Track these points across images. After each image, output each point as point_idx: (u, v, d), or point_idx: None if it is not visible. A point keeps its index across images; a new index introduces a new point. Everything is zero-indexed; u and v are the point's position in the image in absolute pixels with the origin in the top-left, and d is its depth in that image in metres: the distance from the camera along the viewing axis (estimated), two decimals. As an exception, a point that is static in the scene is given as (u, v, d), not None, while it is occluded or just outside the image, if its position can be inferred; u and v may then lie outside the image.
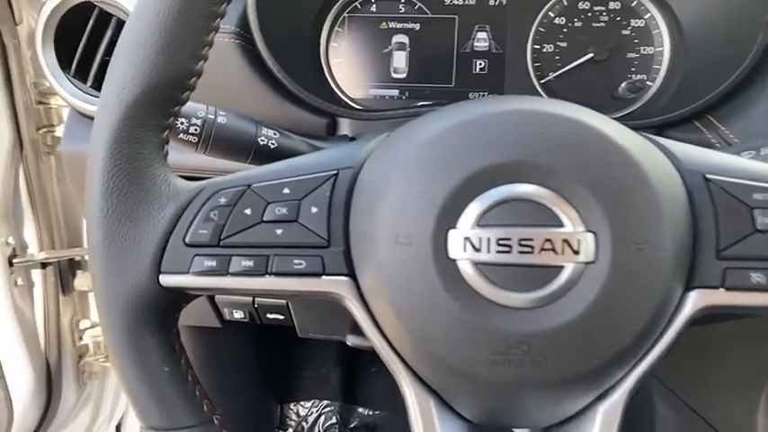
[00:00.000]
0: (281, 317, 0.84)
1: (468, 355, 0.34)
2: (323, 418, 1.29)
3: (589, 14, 0.72)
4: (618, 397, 0.37)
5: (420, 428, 0.38)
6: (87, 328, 1.12)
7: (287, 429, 1.30)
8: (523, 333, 0.34)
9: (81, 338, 1.12)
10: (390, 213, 0.35)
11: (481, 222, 0.34)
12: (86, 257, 1.06)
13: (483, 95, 0.74)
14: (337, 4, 0.74)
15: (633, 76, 0.71)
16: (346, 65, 0.75)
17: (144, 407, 0.38)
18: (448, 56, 0.74)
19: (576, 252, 0.33)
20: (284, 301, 0.81)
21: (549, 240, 0.33)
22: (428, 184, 0.35)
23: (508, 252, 0.34)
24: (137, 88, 0.36)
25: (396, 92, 0.75)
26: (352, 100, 0.75)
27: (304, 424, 1.29)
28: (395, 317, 0.36)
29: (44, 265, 0.98)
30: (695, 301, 0.35)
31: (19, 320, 0.95)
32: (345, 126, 0.65)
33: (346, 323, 0.82)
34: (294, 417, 1.30)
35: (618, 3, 0.71)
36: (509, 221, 0.34)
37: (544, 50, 0.73)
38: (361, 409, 1.29)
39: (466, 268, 0.34)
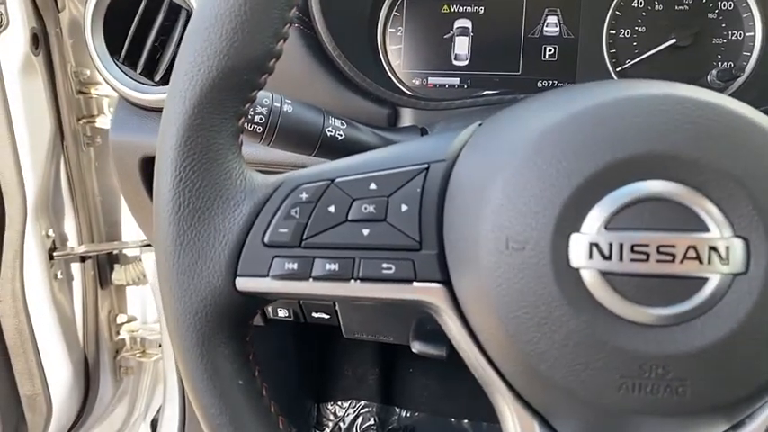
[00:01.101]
0: (327, 316, 0.80)
1: (591, 378, 0.30)
2: (360, 418, 1.25)
3: (671, -4, 0.66)
4: (758, 425, 0.32)
5: None
6: (124, 323, 1.09)
7: (323, 429, 1.27)
8: (660, 354, 0.29)
9: (118, 333, 1.10)
10: (498, 213, 0.31)
11: (610, 225, 0.29)
12: (125, 251, 1.03)
13: (553, 85, 0.69)
14: (396, -15, 0.70)
15: (719, 64, 0.65)
16: (404, 51, 0.71)
17: (216, 424, 0.34)
18: (514, 42, 0.69)
19: (725, 261, 0.28)
20: (331, 300, 0.77)
21: (692, 247, 0.28)
22: (547, 181, 0.30)
23: (645, 261, 0.29)
24: (213, 70, 0.32)
25: (456, 80, 0.70)
26: (408, 89, 0.71)
27: (341, 424, 1.26)
28: (501, 331, 0.31)
29: (83, 259, 0.95)
30: None
31: (58, 314, 0.92)
32: (408, 117, 0.60)
33: (393, 325, 0.78)
34: (331, 417, 1.26)
35: (704, -17, 0.65)
36: (644, 225, 0.29)
37: (621, 36, 0.67)
38: (399, 411, 1.25)
39: (591, 278, 0.29)
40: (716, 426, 0.32)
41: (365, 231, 0.33)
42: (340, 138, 0.48)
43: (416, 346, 0.62)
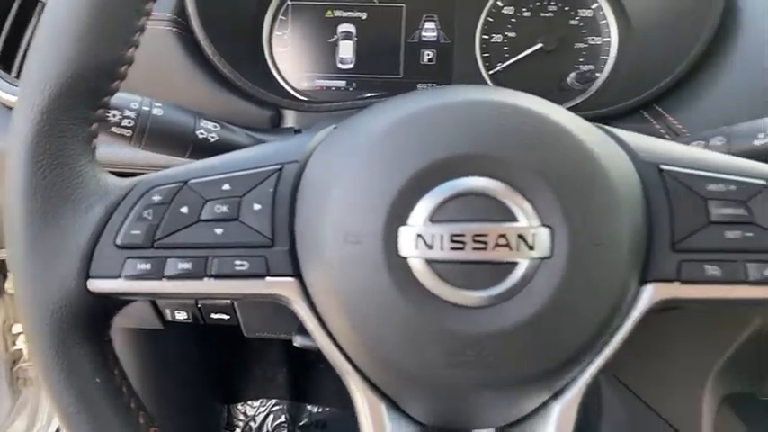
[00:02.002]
0: (227, 316, 0.81)
1: (420, 356, 0.33)
2: (271, 417, 1.26)
3: (537, 4, 0.71)
4: (574, 394, 0.36)
5: None
6: (20, 333, 1.06)
7: (234, 430, 1.27)
8: (477, 333, 0.32)
9: (14, 343, 1.07)
10: (338, 210, 0.33)
11: (434, 218, 0.32)
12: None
13: (432, 86, 0.73)
14: (280, -10, 0.71)
15: (581, 66, 0.71)
16: (291, 55, 0.72)
17: (75, 422, 0.35)
18: (395, 46, 0.72)
19: (531, 247, 0.32)
20: (229, 301, 0.78)
21: (503, 236, 0.32)
22: (377, 180, 0.33)
23: (461, 249, 0.32)
24: (60, 77, 0.33)
25: (343, 83, 0.73)
26: (297, 91, 0.73)
27: (252, 424, 1.26)
28: (344, 319, 0.34)
29: (-30, 268, 0.91)
30: (651, 294, 0.35)
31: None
32: (291, 119, 0.62)
33: (293, 322, 0.80)
34: (242, 417, 1.27)
35: (566, -7, 0.71)
36: (462, 217, 0.32)
37: (493, 41, 0.72)
38: (310, 407, 1.27)
39: (418, 266, 0.32)
40: (539, 394, 0.36)
41: (218, 231, 0.35)
42: (213, 140, 0.49)
43: (298, 340, 0.64)
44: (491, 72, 0.72)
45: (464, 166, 0.33)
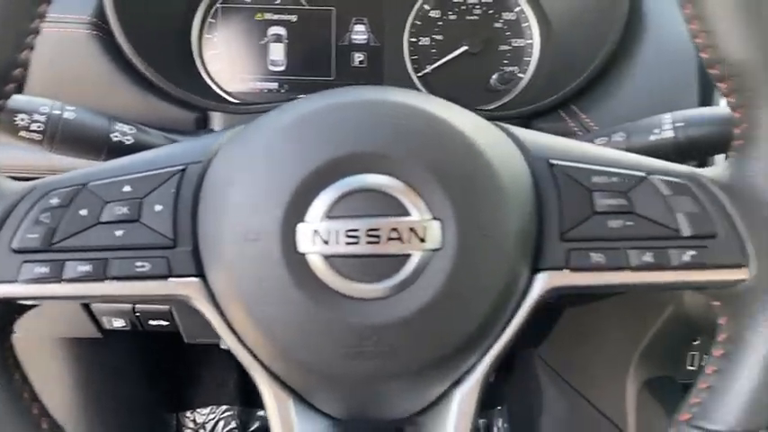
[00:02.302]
0: (166, 323, 0.80)
1: (320, 350, 0.34)
2: (222, 423, 1.25)
3: (463, 7, 0.73)
4: (473, 382, 0.37)
5: (278, 430, 0.37)
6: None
7: (184, 438, 1.25)
8: (373, 324, 0.33)
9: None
10: (237, 209, 0.34)
11: (330, 214, 0.33)
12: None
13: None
14: (208, -6, 0.71)
15: (506, 68, 0.73)
16: (221, 57, 0.73)
17: None
18: (326, 48, 0.73)
19: (423, 240, 0.33)
20: (167, 307, 0.78)
21: (395, 229, 0.33)
22: (274, 178, 0.34)
23: (356, 243, 0.33)
24: None
25: (275, 85, 0.73)
26: (228, 93, 0.73)
27: (202, 431, 1.25)
28: (246, 316, 0.34)
29: None
30: (543, 282, 0.36)
31: None
32: (218, 121, 0.63)
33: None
34: (191, 425, 1.25)
35: (490, -4, 0.73)
36: (357, 212, 0.33)
37: (421, 43, 0.73)
38: (261, 413, 1.26)
39: (316, 262, 0.33)
40: (439, 383, 0.37)
41: (118, 232, 0.35)
42: (128, 142, 0.49)
43: (223, 343, 0.64)
44: (420, 74, 0.73)
45: (359, 164, 0.34)
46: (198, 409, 1.26)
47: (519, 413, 1.13)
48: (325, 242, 0.33)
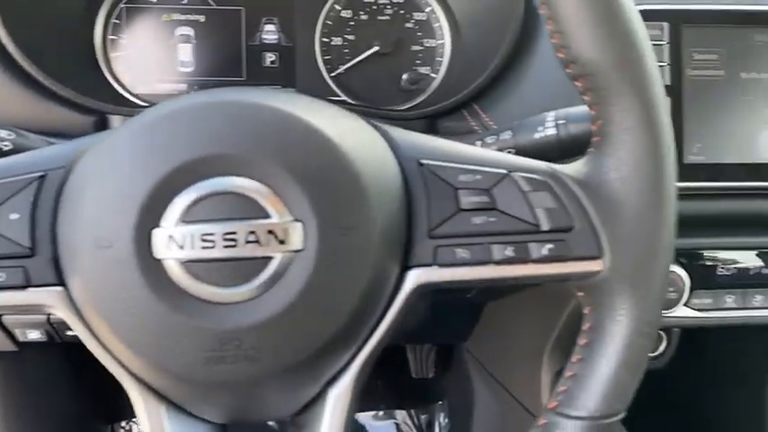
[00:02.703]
0: None
1: (182, 356, 0.34)
2: (158, 430, 1.22)
3: (374, 7, 0.73)
4: (347, 381, 0.37)
5: None
6: None
7: (119, 449, 1.22)
8: (234, 328, 0.33)
9: None
10: (91, 215, 0.34)
11: (186, 219, 0.33)
12: None
13: (276, 89, 0.74)
14: (111, -7, 0.70)
15: (418, 68, 0.73)
16: (128, 59, 0.71)
17: None
18: (236, 49, 0.72)
19: (282, 242, 0.33)
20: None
21: (253, 232, 0.33)
22: (128, 183, 0.33)
23: (212, 247, 0.33)
24: None
25: (184, 86, 0.72)
26: (137, 96, 0.71)
27: (137, 439, 1.23)
28: (107, 325, 0.34)
29: None
30: (413, 279, 0.37)
31: None
32: (118, 124, 0.61)
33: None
34: (126, 433, 1.23)
35: (401, -4, 0.73)
36: (213, 216, 0.33)
37: (333, 43, 0.73)
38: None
39: (173, 268, 0.33)
40: (311, 383, 0.37)
41: None
42: (6, 148, 0.48)
43: None
44: (333, 75, 0.73)
45: (215, 167, 0.33)
46: (133, 419, 1.23)
47: (457, 407, 1.15)
48: (181, 247, 0.33)
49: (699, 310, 0.61)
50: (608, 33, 0.35)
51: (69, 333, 0.79)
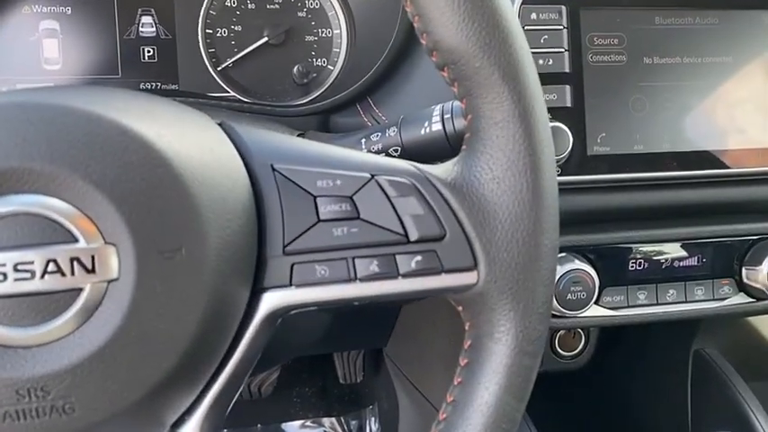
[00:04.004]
0: None
1: None
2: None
3: (262, -5, 0.67)
4: (194, 424, 0.32)
5: None
6: None
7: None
8: (37, 375, 0.27)
9: None
10: None
11: None
12: None
13: (156, 86, 0.67)
14: (-41, -18, 0.62)
15: (313, 60, 0.68)
16: (-14, 56, 0.63)
17: None
18: (110, 43, 0.65)
19: (91, 270, 0.28)
20: None
21: (53, 261, 0.27)
22: None
23: (3, 281, 0.27)
24: None
25: (50, 85, 0.65)
26: (-4, 97, 0.64)
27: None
28: None
29: None
30: (269, 303, 0.32)
31: None
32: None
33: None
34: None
35: (291, -17, 0.68)
36: (3, 243, 0.27)
37: (218, 35, 0.67)
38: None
39: None
40: (147, 430, 0.32)
41: None
42: None
43: None
44: (219, 68, 0.67)
45: (5, 183, 0.27)
46: None
47: (386, 412, 1.11)
48: None
49: (611, 308, 0.58)
50: (470, 14, 0.30)
51: None
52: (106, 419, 0.29)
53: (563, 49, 0.55)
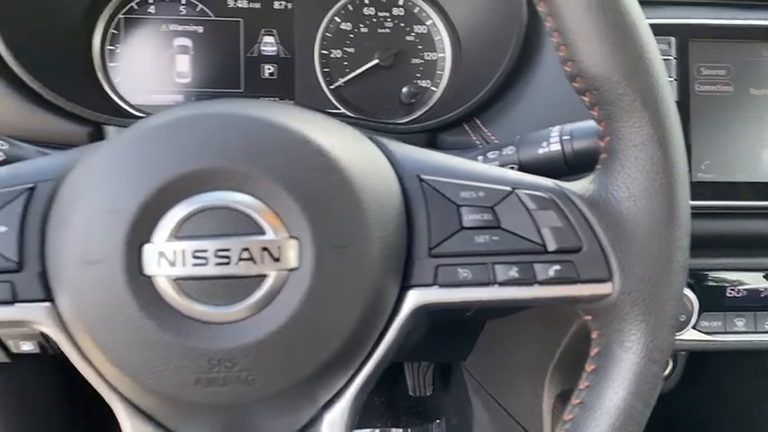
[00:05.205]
0: None
1: (171, 377, 0.32)
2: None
3: (374, 20, 0.72)
4: (343, 404, 0.36)
5: None
6: None
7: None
8: (226, 349, 0.32)
9: None
10: (79, 229, 0.32)
11: (178, 234, 0.32)
12: None
13: (274, 101, 0.72)
14: (109, 4, 0.69)
15: (419, 81, 0.72)
16: (126, 69, 0.70)
17: None
18: (234, 60, 0.71)
19: (277, 259, 0.32)
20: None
21: (246, 249, 0.32)
22: (118, 197, 0.32)
23: (204, 264, 0.31)
24: None
25: (181, 97, 0.71)
26: (134, 107, 0.70)
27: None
28: (94, 343, 0.32)
29: None
30: (413, 300, 0.35)
31: None
32: (114, 135, 0.60)
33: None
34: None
35: (401, 9, 0.72)
36: (206, 232, 0.32)
37: (332, 56, 0.72)
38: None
39: (163, 285, 0.32)
40: (305, 407, 0.36)
41: None
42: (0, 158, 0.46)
43: None
44: (332, 87, 0.72)
45: (209, 181, 0.32)
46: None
47: (455, 427, 1.12)
48: (172, 264, 0.31)
49: (708, 333, 0.59)
50: (617, 45, 0.33)
51: None
52: (278, 392, 0.33)
53: (672, 79, 0.57)
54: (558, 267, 0.35)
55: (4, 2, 0.56)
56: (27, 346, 0.80)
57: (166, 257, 0.31)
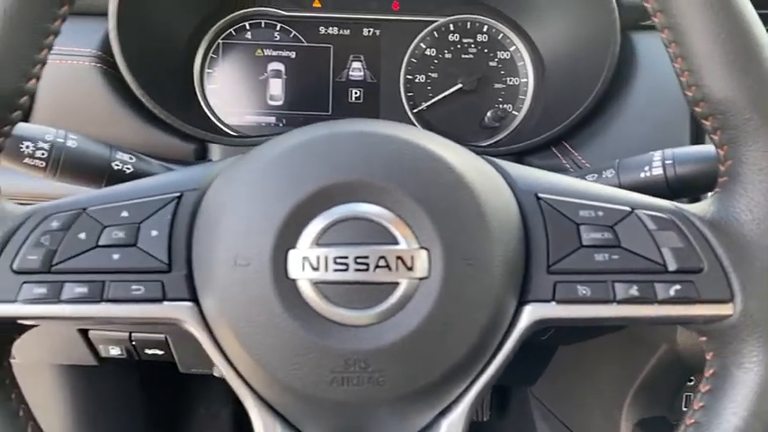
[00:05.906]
0: (161, 352, 0.81)
1: (307, 374, 0.34)
2: (214, 456, 1.23)
3: (458, 46, 0.75)
4: (460, 411, 0.37)
5: None
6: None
7: (176, 472, 1.23)
8: (360, 350, 0.34)
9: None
10: (230, 234, 0.35)
11: (320, 242, 0.34)
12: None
13: (359, 123, 0.75)
14: (211, 30, 0.73)
15: (500, 105, 0.74)
16: (222, 91, 0.74)
17: None
18: (324, 84, 0.75)
19: (410, 268, 0.34)
20: (163, 336, 0.78)
21: (383, 257, 0.34)
22: (268, 204, 0.35)
23: (345, 270, 0.34)
24: None
25: (272, 119, 0.75)
26: (228, 126, 0.74)
27: (194, 464, 1.23)
28: (236, 341, 0.35)
29: None
30: (530, 314, 0.37)
31: None
32: (217, 153, 0.64)
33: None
34: (183, 457, 1.23)
35: (485, 35, 0.75)
36: (346, 240, 0.34)
37: (416, 81, 0.75)
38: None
39: (305, 288, 0.34)
40: (425, 411, 0.37)
41: (115, 256, 0.36)
42: (128, 171, 0.50)
43: (217, 371, 0.64)
44: (415, 111, 0.75)
45: (349, 193, 0.35)
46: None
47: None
48: (315, 268, 0.34)
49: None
50: (744, 70, 0.34)
51: (148, 352, 0.81)
52: (405, 395, 0.35)
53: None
54: (678, 287, 0.36)
55: (125, 27, 0.60)
56: (115, 351, 0.84)
57: (310, 262, 0.34)
